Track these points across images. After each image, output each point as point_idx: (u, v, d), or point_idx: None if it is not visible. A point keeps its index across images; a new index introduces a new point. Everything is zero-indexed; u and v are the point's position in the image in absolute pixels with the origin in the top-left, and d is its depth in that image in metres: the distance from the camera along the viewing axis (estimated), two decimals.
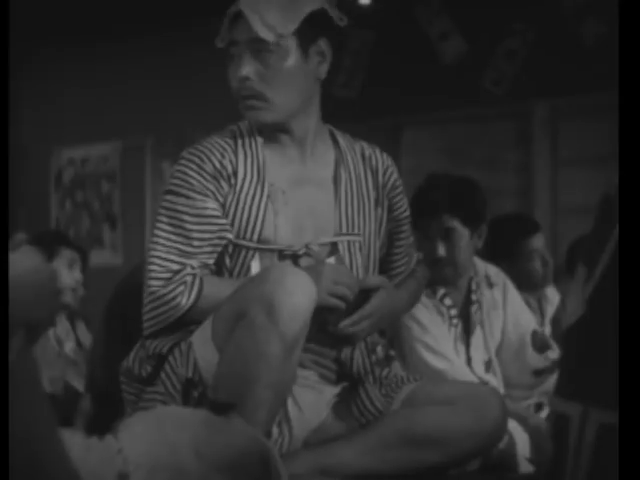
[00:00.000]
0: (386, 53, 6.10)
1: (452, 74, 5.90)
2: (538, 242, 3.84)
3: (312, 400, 2.32)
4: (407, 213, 2.53)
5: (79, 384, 3.92)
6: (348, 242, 2.36)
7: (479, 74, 5.85)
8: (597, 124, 5.40)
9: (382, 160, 2.48)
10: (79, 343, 4.19)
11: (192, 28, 6.44)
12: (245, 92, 2.28)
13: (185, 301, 2.21)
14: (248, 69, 2.25)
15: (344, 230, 2.36)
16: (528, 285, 3.77)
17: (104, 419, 2.34)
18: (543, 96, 5.67)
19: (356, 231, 2.38)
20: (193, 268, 2.25)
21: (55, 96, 7.16)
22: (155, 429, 1.65)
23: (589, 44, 5.51)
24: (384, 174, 2.47)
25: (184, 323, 2.24)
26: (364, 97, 6.19)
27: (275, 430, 2.24)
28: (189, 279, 2.23)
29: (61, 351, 4.06)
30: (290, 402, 2.28)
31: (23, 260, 1.27)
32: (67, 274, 4.12)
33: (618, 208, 1.47)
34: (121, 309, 2.29)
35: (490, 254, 3.64)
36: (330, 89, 2.31)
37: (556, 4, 5.60)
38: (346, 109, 5.78)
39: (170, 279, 2.23)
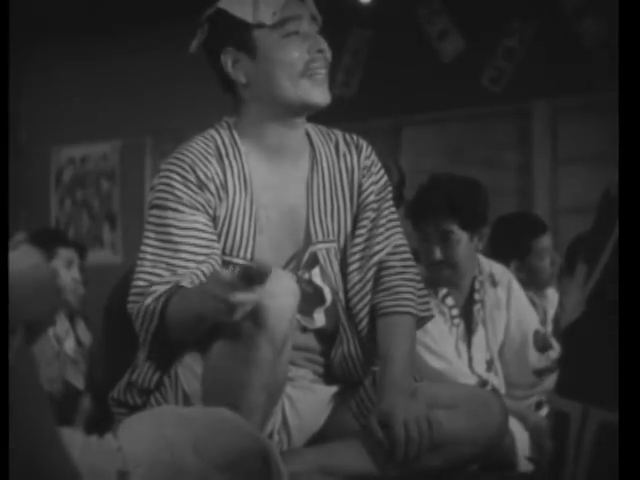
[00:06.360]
0: (385, 52, 6.10)
1: (451, 73, 5.90)
2: (548, 241, 3.90)
3: (310, 405, 2.30)
4: (373, 199, 2.37)
5: (79, 383, 3.92)
6: (326, 250, 2.29)
7: (478, 73, 5.85)
8: (597, 123, 5.40)
9: (357, 158, 2.37)
10: (79, 342, 4.19)
11: (192, 27, 6.44)
12: (321, 63, 2.23)
13: (151, 303, 2.12)
14: (324, 42, 2.23)
15: (320, 238, 2.29)
16: (537, 282, 3.83)
17: (104, 418, 2.34)
18: (542, 95, 5.67)
19: (330, 237, 2.31)
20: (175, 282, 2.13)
21: (55, 95, 7.16)
22: (155, 428, 1.65)
23: (588, 43, 5.51)
24: (360, 171, 2.37)
25: (165, 338, 2.13)
26: (363, 96, 6.19)
27: (275, 438, 2.23)
28: (162, 288, 2.14)
29: (61, 350, 4.06)
30: (288, 409, 2.26)
31: (23, 258, 1.27)
32: (65, 273, 4.11)
33: (618, 207, 1.47)
34: (120, 308, 2.28)
35: (503, 251, 3.68)
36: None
37: (555, 2, 5.61)
38: (345, 108, 5.78)
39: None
